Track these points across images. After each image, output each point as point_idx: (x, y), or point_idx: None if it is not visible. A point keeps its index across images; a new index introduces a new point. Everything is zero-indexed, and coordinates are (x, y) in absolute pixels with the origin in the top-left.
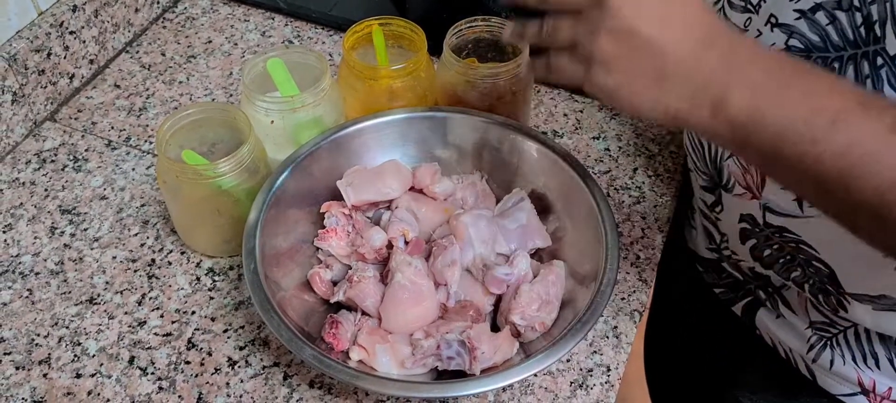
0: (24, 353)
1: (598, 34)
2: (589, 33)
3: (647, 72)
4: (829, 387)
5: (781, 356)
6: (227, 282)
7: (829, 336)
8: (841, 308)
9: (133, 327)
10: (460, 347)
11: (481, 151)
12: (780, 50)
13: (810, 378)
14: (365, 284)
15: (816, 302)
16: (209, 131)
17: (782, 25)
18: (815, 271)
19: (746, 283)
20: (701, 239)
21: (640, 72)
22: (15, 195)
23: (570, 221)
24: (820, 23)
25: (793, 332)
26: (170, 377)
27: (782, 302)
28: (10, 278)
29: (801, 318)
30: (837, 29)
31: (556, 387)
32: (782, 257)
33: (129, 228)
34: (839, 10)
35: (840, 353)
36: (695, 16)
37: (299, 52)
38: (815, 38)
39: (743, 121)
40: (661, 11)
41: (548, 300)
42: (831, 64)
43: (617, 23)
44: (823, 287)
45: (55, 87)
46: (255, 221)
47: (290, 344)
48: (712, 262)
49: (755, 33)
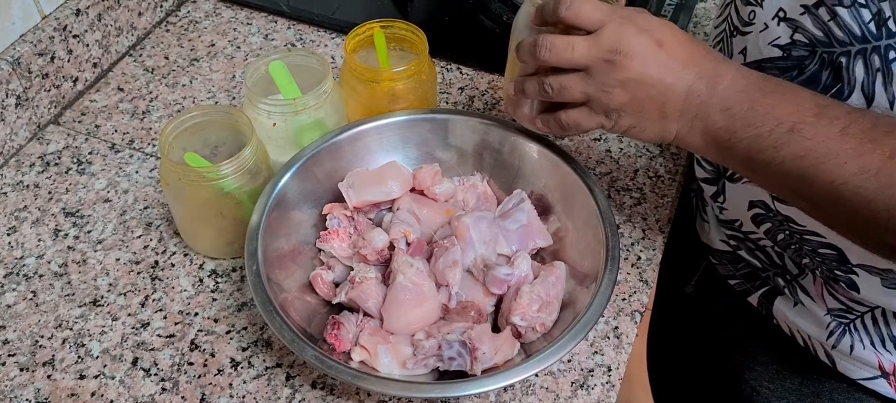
0: (28, 355)
1: (613, 88)
2: (602, 87)
3: (653, 111)
4: (848, 372)
5: (800, 344)
6: (229, 284)
7: (848, 322)
8: (853, 289)
9: (136, 328)
10: (461, 347)
11: (482, 153)
12: (755, 69)
13: (830, 364)
14: (367, 285)
15: (831, 289)
16: (212, 134)
17: (789, 19)
18: (822, 258)
19: (764, 271)
20: (715, 232)
21: (648, 113)
22: (19, 198)
23: (570, 222)
24: (822, 18)
25: (811, 319)
26: (173, 378)
27: (800, 289)
28: (14, 280)
29: (819, 305)
30: (839, 24)
31: (557, 387)
32: (793, 243)
33: (133, 230)
34: (840, 7)
35: (859, 338)
36: (688, 53)
37: (301, 54)
38: (818, 33)
39: (724, 139)
40: (663, 57)
41: (548, 301)
42: (838, 58)
43: (628, 74)
44: (833, 272)
45: (59, 91)
46: (258, 223)
47: (292, 345)
48: (727, 254)
49: (761, 26)
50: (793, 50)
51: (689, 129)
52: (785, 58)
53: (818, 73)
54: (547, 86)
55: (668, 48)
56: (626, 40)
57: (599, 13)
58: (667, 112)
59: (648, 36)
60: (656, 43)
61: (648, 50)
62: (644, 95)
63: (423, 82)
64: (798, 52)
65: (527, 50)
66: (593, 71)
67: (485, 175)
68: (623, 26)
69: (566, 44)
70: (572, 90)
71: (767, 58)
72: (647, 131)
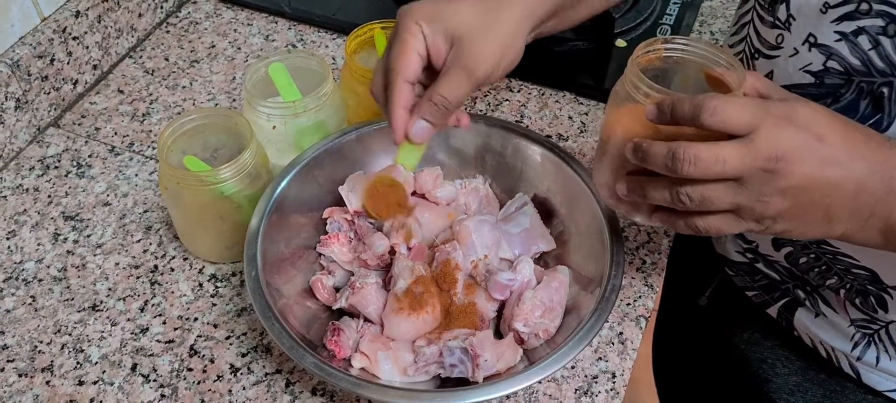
0: (26, 360)
1: (772, 197)
2: (759, 197)
3: (816, 215)
4: (874, 384)
5: (823, 355)
6: (229, 289)
7: (872, 333)
8: (881, 307)
9: (135, 334)
10: (463, 354)
11: (484, 156)
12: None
13: (855, 375)
14: (367, 290)
15: (855, 304)
16: (211, 137)
17: (821, 46)
18: (854, 278)
19: (783, 283)
20: (730, 244)
21: (809, 216)
22: (18, 201)
23: (573, 225)
24: (862, 47)
25: (835, 330)
26: (172, 384)
27: (822, 300)
28: (13, 285)
29: (842, 316)
30: (881, 54)
31: (560, 395)
32: (818, 266)
33: (132, 234)
34: (884, 36)
35: (884, 349)
36: (851, 143)
37: (302, 56)
38: (855, 62)
39: None
40: (826, 153)
41: (551, 306)
42: (879, 89)
43: (790, 182)
44: (863, 288)
45: (58, 93)
46: (257, 227)
47: (291, 352)
48: (744, 265)
49: (791, 51)
50: (826, 77)
51: (861, 228)
52: (817, 84)
53: (856, 102)
54: (683, 197)
55: (830, 142)
56: (786, 143)
57: (749, 114)
58: (833, 214)
59: (808, 132)
60: (817, 138)
61: (811, 148)
62: (806, 200)
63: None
64: (832, 80)
65: (660, 161)
66: (748, 181)
67: (487, 178)
68: (780, 127)
69: (715, 156)
70: (719, 203)
71: (798, 84)
72: (807, 233)
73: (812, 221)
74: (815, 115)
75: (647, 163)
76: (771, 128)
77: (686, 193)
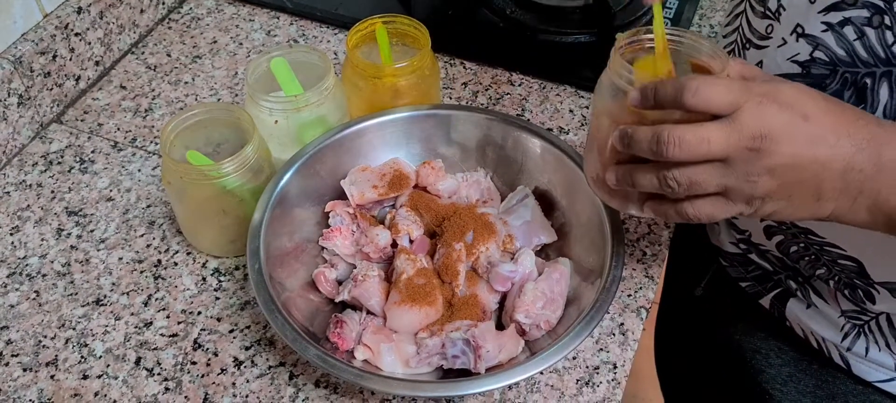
0: (31, 355)
1: (759, 176)
2: (746, 178)
3: (805, 194)
4: (864, 374)
5: (814, 346)
6: (232, 282)
7: (862, 324)
8: (868, 299)
9: (139, 328)
10: (465, 346)
11: (485, 148)
12: None
13: (845, 366)
14: (369, 283)
15: (845, 295)
16: (214, 131)
17: (808, 36)
18: (841, 269)
19: (775, 274)
20: (725, 235)
21: (799, 196)
22: (22, 197)
23: (574, 217)
24: (847, 37)
25: (825, 321)
26: (176, 377)
27: (813, 291)
28: (17, 280)
29: (832, 307)
30: (865, 45)
31: (562, 385)
32: (808, 255)
33: (136, 229)
34: (869, 27)
35: (874, 340)
36: (837, 121)
37: (303, 51)
38: (840, 53)
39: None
40: (812, 131)
41: (553, 297)
42: (863, 79)
43: (777, 160)
44: (851, 281)
45: (61, 89)
46: (260, 221)
47: (294, 344)
48: (738, 256)
49: (779, 41)
50: (812, 67)
51: (850, 208)
52: (804, 75)
53: (840, 92)
54: (671, 182)
55: (816, 120)
56: (770, 121)
57: (732, 94)
58: (822, 192)
59: (792, 111)
60: (802, 117)
61: (796, 127)
62: (794, 179)
63: (426, 78)
64: (818, 70)
65: (645, 146)
66: (734, 161)
67: (488, 171)
68: (763, 106)
69: (699, 137)
70: (706, 185)
71: (786, 74)
72: (797, 214)
73: (801, 201)
74: (800, 95)
75: (633, 149)
76: (754, 106)
77: (673, 177)
